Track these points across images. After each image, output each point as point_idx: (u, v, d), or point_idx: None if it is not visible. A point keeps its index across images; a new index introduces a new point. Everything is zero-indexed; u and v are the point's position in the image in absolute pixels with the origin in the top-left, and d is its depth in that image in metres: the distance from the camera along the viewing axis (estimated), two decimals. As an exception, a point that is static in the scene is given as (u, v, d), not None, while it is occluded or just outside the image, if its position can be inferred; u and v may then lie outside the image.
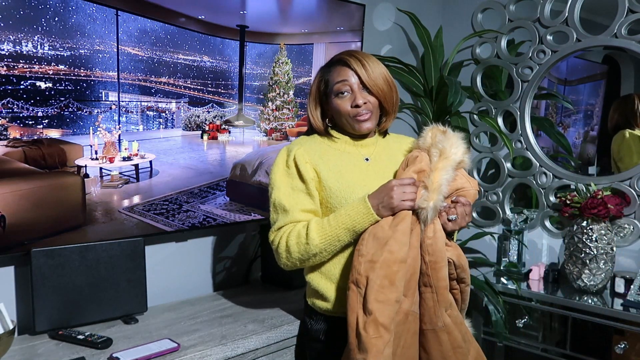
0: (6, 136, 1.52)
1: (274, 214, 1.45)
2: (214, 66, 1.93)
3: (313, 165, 1.44)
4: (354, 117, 1.43)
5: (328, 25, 2.24)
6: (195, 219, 1.94)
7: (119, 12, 1.67)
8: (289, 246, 1.38)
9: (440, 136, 1.41)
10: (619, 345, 1.97)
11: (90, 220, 1.69)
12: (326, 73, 1.48)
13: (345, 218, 1.35)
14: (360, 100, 1.41)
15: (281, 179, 1.45)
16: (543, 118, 2.62)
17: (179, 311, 1.79)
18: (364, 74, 1.41)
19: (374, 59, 1.44)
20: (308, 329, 1.50)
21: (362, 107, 1.42)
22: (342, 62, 1.44)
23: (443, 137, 1.41)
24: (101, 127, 1.70)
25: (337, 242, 1.36)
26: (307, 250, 1.36)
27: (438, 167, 1.36)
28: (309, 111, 1.51)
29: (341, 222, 1.35)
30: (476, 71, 2.64)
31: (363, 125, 1.44)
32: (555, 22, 2.38)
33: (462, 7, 2.76)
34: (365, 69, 1.41)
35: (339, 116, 1.46)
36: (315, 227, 1.36)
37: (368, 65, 1.42)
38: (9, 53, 1.48)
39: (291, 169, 1.44)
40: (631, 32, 2.19)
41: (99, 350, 1.45)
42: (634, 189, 2.22)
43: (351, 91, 1.42)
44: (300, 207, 1.41)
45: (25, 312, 1.63)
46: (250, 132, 2.08)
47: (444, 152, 1.38)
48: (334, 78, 1.44)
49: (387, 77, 1.45)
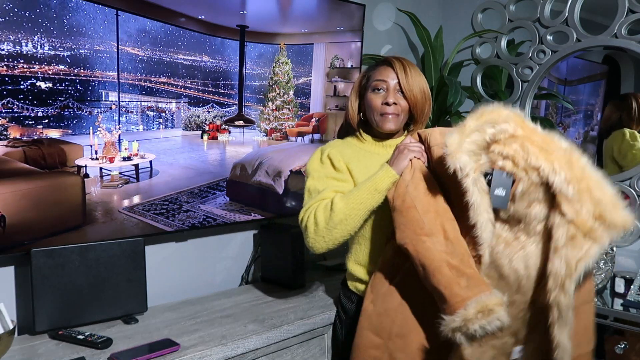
0: (6, 136, 1.52)
1: (307, 198, 1.54)
2: (214, 66, 1.93)
3: (346, 163, 1.55)
4: (381, 114, 1.54)
5: (328, 25, 2.24)
6: (195, 219, 1.94)
7: (119, 12, 1.67)
8: (316, 217, 1.45)
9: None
10: (618, 345, 1.97)
11: (90, 220, 1.69)
12: (370, 69, 1.60)
13: (366, 182, 1.44)
14: (391, 100, 1.53)
15: (316, 168, 1.57)
16: (543, 118, 2.62)
17: (179, 311, 1.79)
18: (403, 78, 1.53)
19: (417, 69, 1.56)
20: (347, 310, 1.63)
21: (391, 106, 1.53)
22: (387, 62, 1.56)
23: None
24: (101, 127, 1.70)
25: (360, 204, 1.42)
26: (332, 217, 1.43)
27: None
28: (349, 102, 1.64)
29: (363, 186, 1.44)
30: (476, 71, 2.64)
31: (386, 124, 1.55)
32: (555, 22, 2.38)
33: (462, 7, 2.76)
34: (405, 74, 1.53)
35: (369, 110, 1.57)
36: (340, 196, 1.46)
37: (409, 72, 1.53)
38: (9, 53, 1.48)
39: (325, 164, 1.57)
40: (631, 32, 2.19)
41: (99, 350, 1.45)
42: (634, 189, 2.22)
43: (386, 90, 1.54)
44: (332, 189, 1.50)
45: (25, 312, 1.63)
46: (250, 132, 2.08)
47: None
48: (376, 75, 1.56)
49: (424, 88, 1.56)
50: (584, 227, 1.21)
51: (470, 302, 1.19)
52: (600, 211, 1.21)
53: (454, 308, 1.21)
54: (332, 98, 2.30)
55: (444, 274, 1.25)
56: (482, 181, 1.25)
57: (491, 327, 1.18)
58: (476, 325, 1.17)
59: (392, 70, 1.54)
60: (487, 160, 1.26)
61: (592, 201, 1.21)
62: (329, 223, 1.43)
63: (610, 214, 1.21)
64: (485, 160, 1.25)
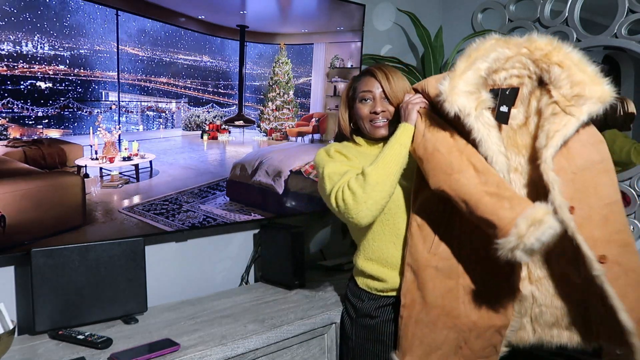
0: (6, 136, 1.52)
1: (329, 183, 1.50)
2: (214, 66, 1.93)
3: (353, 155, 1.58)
4: (371, 122, 1.60)
5: (328, 25, 2.24)
6: (195, 219, 1.94)
7: (119, 12, 1.67)
8: (351, 188, 1.44)
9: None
10: (619, 345, 1.96)
11: (90, 220, 1.69)
12: (355, 81, 1.66)
13: (388, 143, 1.49)
14: (379, 108, 1.58)
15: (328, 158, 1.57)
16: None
17: (179, 311, 1.79)
18: (386, 85, 1.58)
19: (399, 74, 1.62)
20: (358, 308, 1.64)
21: (379, 114, 1.59)
22: (370, 73, 1.62)
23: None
24: (101, 127, 1.70)
25: (390, 162, 1.45)
26: (368, 181, 1.43)
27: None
28: (339, 114, 1.70)
29: (386, 148, 1.48)
30: (476, 71, 2.63)
31: (378, 130, 1.60)
32: (555, 22, 2.38)
33: (462, 7, 2.76)
34: (388, 81, 1.58)
35: (359, 119, 1.63)
36: (367, 165, 1.47)
37: (392, 79, 1.59)
38: (9, 53, 1.48)
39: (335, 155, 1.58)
40: (631, 32, 2.19)
41: (99, 350, 1.45)
42: (634, 189, 2.22)
43: (373, 99, 1.60)
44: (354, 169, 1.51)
45: (25, 312, 1.63)
46: (250, 132, 2.08)
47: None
48: (361, 87, 1.62)
49: (408, 90, 1.60)
50: (563, 104, 1.38)
51: (519, 219, 1.24)
52: (579, 90, 1.36)
53: (506, 230, 1.25)
54: (332, 98, 2.31)
55: (486, 203, 1.30)
56: (485, 116, 1.37)
57: (546, 236, 1.22)
58: (532, 238, 1.22)
59: (375, 80, 1.60)
60: (489, 96, 1.38)
61: (572, 82, 1.37)
62: (366, 188, 1.43)
63: (589, 90, 1.35)
64: (486, 96, 1.37)
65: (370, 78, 1.61)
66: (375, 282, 1.60)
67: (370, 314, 1.60)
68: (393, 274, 1.57)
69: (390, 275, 1.57)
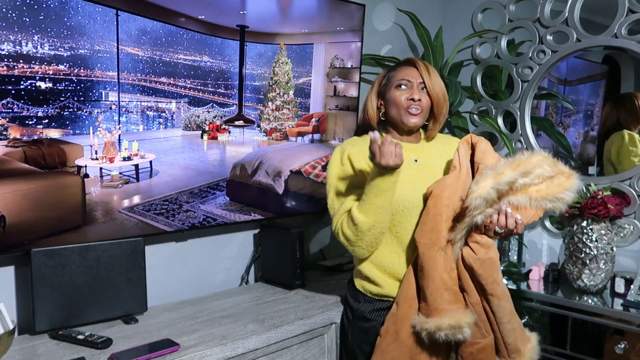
0: (6, 136, 1.52)
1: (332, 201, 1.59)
2: (214, 66, 1.93)
3: (366, 161, 1.54)
4: (406, 109, 1.58)
5: (328, 25, 2.24)
6: (195, 219, 1.94)
7: (119, 12, 1.67)
8: (345, 234, 1.52)
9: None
10: (618, 345, 1.97)
11: (90, 220, 1.69)
12: (391, 70, 1.65)
13: (369, 187, 1.46)
14: (417, 96, 1.57)
15: (336, 177, 1.59)
16: (543, 118, 2.62)
17: (179, 311, 1.79)
18: (426, 77, 1.59)
19: (436, 72, 1.62)
20: (354, 310, 1.65)
21: (416, 102, 1.57)
22: (411, 63, 1.62)
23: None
24: (101, 127, 1.70)
25: (377, 208, 1.46)
26: (359, 229, 1.49)
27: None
28: (367, 103, 1.67)
29: (368, 192, 1.46)
30: (476, 71, 2.64)
31: (412, 119, 1.59)
32: (555, 22, 2.38)
33: (462, 7, 2.76)
34: (429, 73, 1.59)
35: (393, 107, 1.60)
36: (357, 207, 1.50)
37: (432, 73, 1.60)
38: (9, 53, 1.48)
39: (346, 166, 1.59)
40: (631, 32, 2.19)
41: (99, 350, 1.45)
42: (634, 189, 2.22)
43: (410, 88, 1.59)
44: (353, 198, 1.54)
45: (25, 312, 1.63)
46: (250, 132, 2.08)
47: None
48: (400, 74, 1.61)
49: (444, 89, 1.63)
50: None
51: (447, 314, 1.43)
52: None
53: (432, 314, 1.45)
54: (332, 98, 2.30)
55: (436, 284, 1.46)
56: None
57: (454, 338, 1.43)
58: (442, 334, 1.42)
59: (415, 70, 1.59)
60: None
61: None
62: (359, 235, 1.50)
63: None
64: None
65: (410, 67, 1.61)
66: (372, 285, 1.60)
67: (365, 317, 1.61)
68: (391, 281, 1.58)
69: (388, 282, 1.58)
